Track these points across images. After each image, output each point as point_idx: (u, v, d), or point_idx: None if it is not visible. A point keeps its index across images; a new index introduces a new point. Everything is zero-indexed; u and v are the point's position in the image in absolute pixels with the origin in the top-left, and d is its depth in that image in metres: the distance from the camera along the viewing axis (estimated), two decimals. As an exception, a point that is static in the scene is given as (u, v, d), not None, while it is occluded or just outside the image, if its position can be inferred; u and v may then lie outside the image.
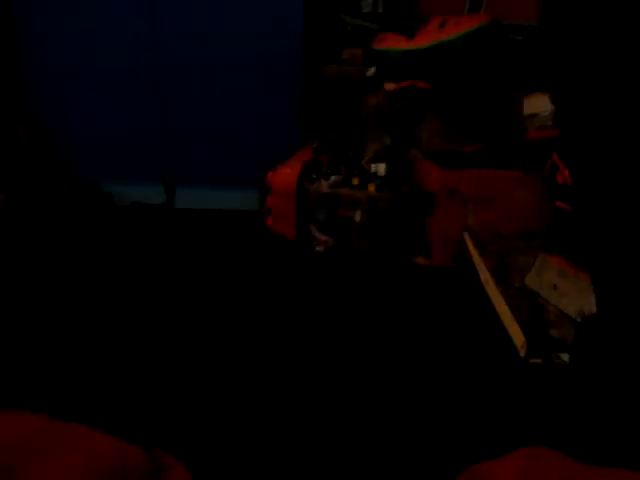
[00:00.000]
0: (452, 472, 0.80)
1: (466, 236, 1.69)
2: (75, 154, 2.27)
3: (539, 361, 1.29)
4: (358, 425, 1.33)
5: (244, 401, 1.39)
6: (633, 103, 0.84)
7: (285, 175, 1.86)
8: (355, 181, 1.77)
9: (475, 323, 1.53)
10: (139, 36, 2.12)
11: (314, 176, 1.81)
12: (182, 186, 2.33)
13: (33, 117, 2.19)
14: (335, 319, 1.67)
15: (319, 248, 1.81)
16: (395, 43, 1.89)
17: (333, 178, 1.78)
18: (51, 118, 2.22)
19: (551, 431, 1.15)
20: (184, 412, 1.35)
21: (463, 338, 1.55)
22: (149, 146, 2.25)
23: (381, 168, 1.78)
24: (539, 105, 1.94)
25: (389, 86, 1.91)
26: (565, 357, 1.29)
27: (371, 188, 1.75)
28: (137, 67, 2.16)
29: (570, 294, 1.37)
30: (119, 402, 1.37)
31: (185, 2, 2.07)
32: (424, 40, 1.84)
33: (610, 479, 0.67)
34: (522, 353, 1.30)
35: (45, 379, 1.44)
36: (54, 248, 1.99)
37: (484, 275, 1.53)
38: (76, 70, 2.17)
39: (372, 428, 1.32)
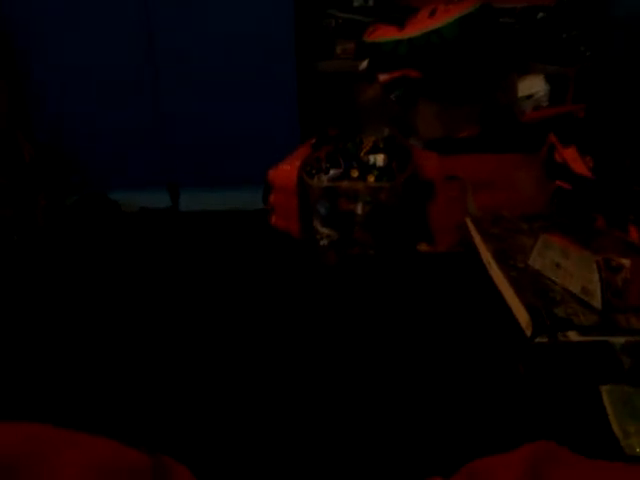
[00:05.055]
0: (456, 462, 0.81)
1: (468, 221, 1.70)
2: (81, 165, 2.29)
3: (545, 340, 1.29)
4: (363, 418, 1.34)
5: (250, 401, 1.40)
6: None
7: (285, 172, 1.88)
8: (354, 173, 1.78)
9: (480, 307, 1.53)
10: (136, 45, 2.14)
11: (314, 171, 1.82)
12: (186, 189, 2.35)
13: (37, 130, 2.22)
14: (342, 310, 1.68)
15: (323, 242, 1.83)
16: (386, 34, 1.89)
17: (332, 172, 1.79)
18: (55, 131, 2.24)
19: (558, 417, 1.16)
20: (189, 416, 1.37)
21: (469, 322, 1.55)
22: (152, 152, 2.27)
23: (379, 159, 1.79)
24: (534, 86, 1.94)
25: (383, 77, 1.92)
26: (572, 335, 1.30)
27: (370, 179, 1.76)
28: (136, 74, 2.18)
29: (573, 272, 1.37)
30: (124, 407, 1.39)
31: (177, 4, 2.08)
32: (415, 29, 1.84)
33: (614, 474, 0.67)
34: (528, 333, 1.31)
35: (53, 386, 1.46)
36: (61, 258, 2.01)
37: (487, 258, 1.54)
38: (77, 82, 2.19)
39: (378, 420, 1.33)
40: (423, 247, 1.83)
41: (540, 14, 2.08)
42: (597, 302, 1.29)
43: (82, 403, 1.39)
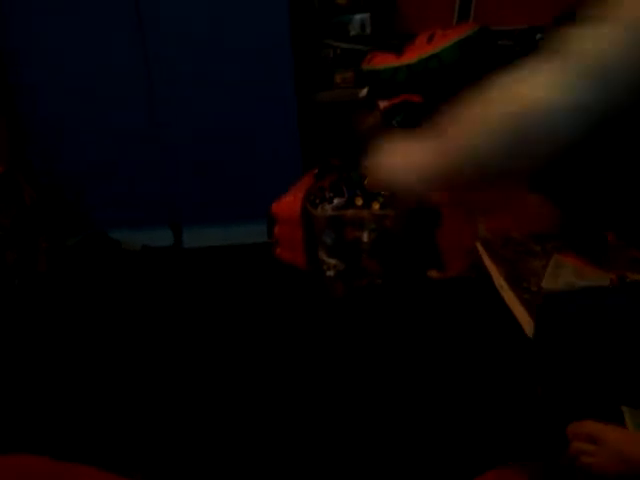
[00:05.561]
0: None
1: (478, 244, 1.67)
2: (83, 206, 2.29)
3: (563, 362, 1.25)
4: (379, 447, 1.31)
5: (260, 436, 1.38)
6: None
7: (289, 204, 1.86)
8: (359, 201, 1.76)
9: (495, 332, 1.50)
10: (137, 88, 2.15)
11: (317, 201, 1.80)
12: (189, 226, 2.33)
13: (38, 174, 2.22)
14: (353, 343, 1.65)
15: (330, 273, 1.79)
16: (384, 61, 1.89)
17: (336, 201, 1.77)
18: (57, 174, 2.24)
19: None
20: (203, 451, 1.35)
21: (484, 347, 1.52)
22: (154, 192, 2.27)
23: (384, 186, 1.77)
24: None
25: (383, 104, 1.91)
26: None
27: (375, 207, 1.74)
28: (137, 111, 2.18)
29: (589, 291, 1.33)
30: (131, 442, 1.37)
31: (176, 52, 2.10)
32: (413, 55, 1.84)
33: None
34: (545, 356, 1.27)
35: (56, 423, 1.44)
36: (64, 301, 2.00)
37: (499, 282, 1.50)
38: (77, 126, 2.20)
39: (395, 452, 1.30)
40: (433, 274, 1.80)
41: (539, 35, 2.08)
42: (615, 321, 1.25)
43: (87, 439, 1.38)
